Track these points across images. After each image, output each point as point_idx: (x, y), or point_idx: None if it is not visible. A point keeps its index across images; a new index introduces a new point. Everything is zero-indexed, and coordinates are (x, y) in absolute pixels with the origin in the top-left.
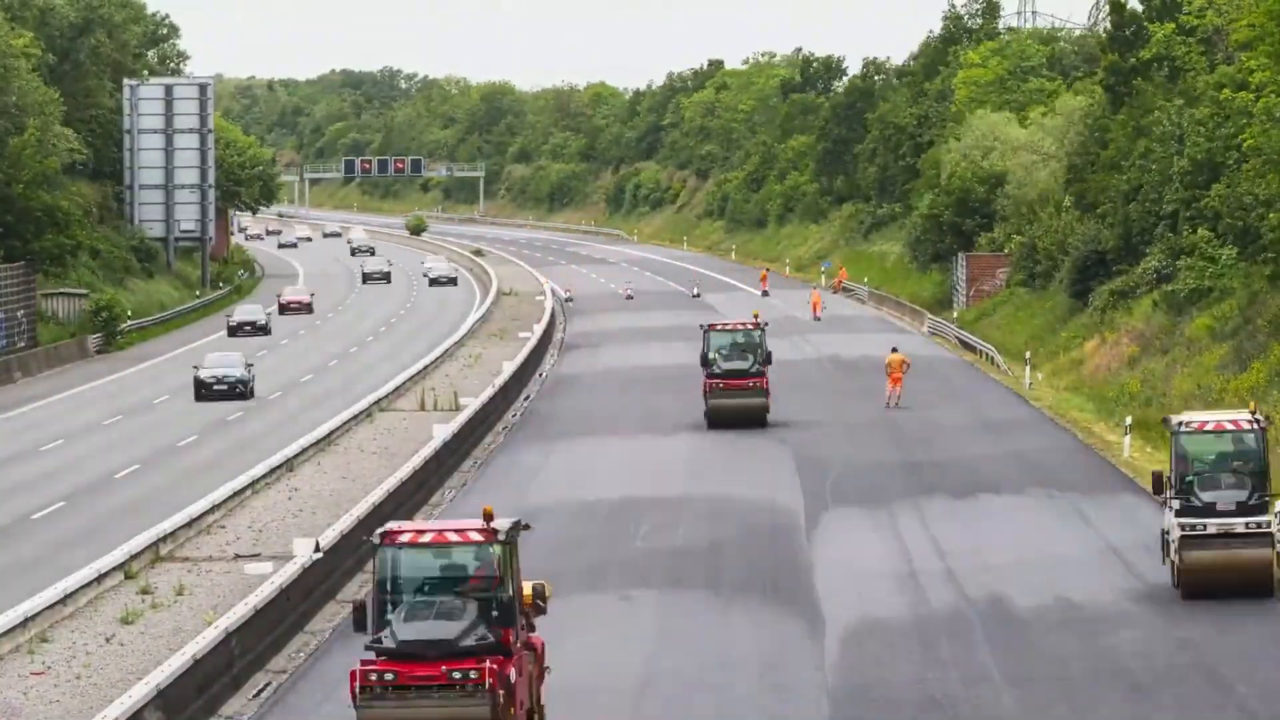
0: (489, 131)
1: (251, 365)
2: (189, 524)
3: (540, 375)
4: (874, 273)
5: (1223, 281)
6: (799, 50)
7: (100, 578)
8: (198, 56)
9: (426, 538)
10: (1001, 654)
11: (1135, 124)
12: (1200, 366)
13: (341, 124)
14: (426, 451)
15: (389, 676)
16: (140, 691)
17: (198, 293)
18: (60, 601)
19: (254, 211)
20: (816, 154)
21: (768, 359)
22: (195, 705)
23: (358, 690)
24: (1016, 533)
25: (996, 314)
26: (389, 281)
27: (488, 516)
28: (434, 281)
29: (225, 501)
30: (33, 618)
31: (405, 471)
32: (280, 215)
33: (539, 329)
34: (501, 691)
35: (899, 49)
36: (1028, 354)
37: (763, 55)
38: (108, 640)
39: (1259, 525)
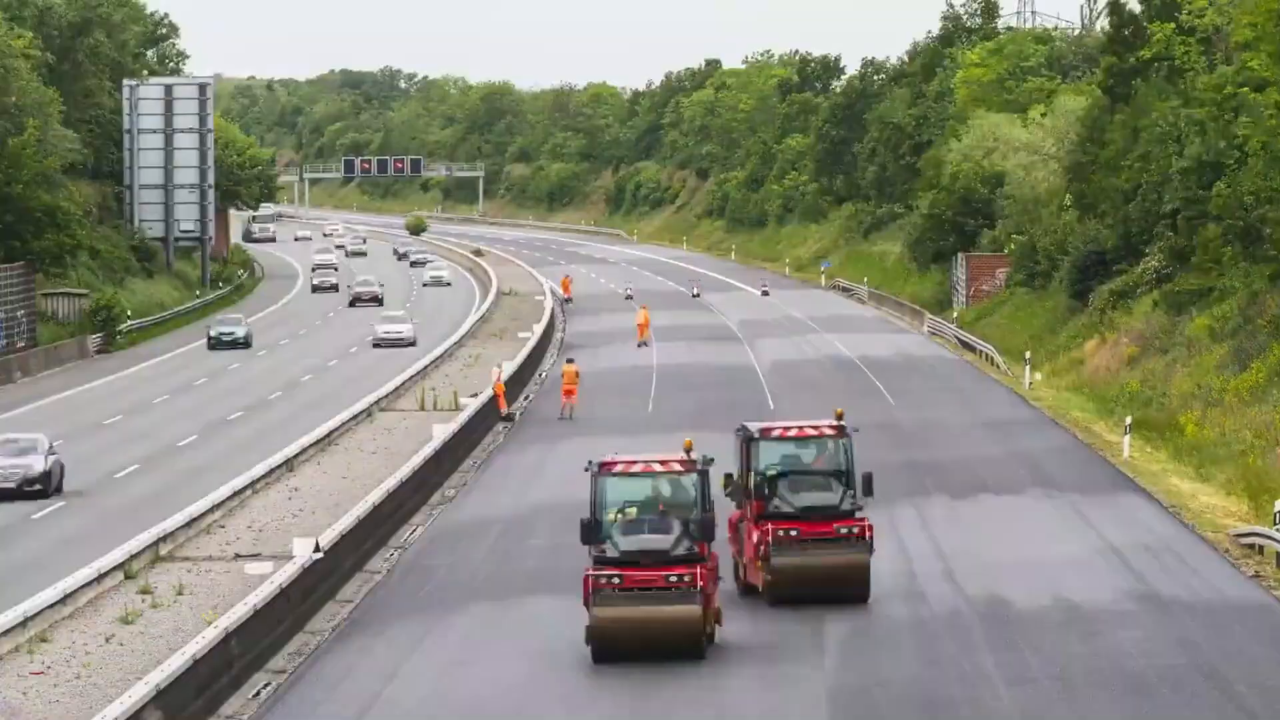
0: (489, 131)
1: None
2: (189, 524)
3: (540, 375)
4: (874, 273)
5: (1223, 281)
6: (796, 50)
7: (100, 578)
8: (197, 56)
9: (636, 467)
10: (1001, 654)
11: (1135, 124)
12: (1200, 366)
13: (341, 124)
14: (427, 451)
15: (616, 580)
16: (140, 691)
17: (197, 292)
18: (60, 601)
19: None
20: (815, 154)
21: (867, 485)
22: (195, 705)
23: (590, 593)
24: (1016, 533)
25: (996, 314)
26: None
27: (688, 449)
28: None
29: (225, 501)
30: (33, 618)
31: (405, 471)
32: (280, 215)
33: (539, 329)
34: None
35: (897, 49)
36: (1027, 354)
37: (761, 55)
38: (108, 640)
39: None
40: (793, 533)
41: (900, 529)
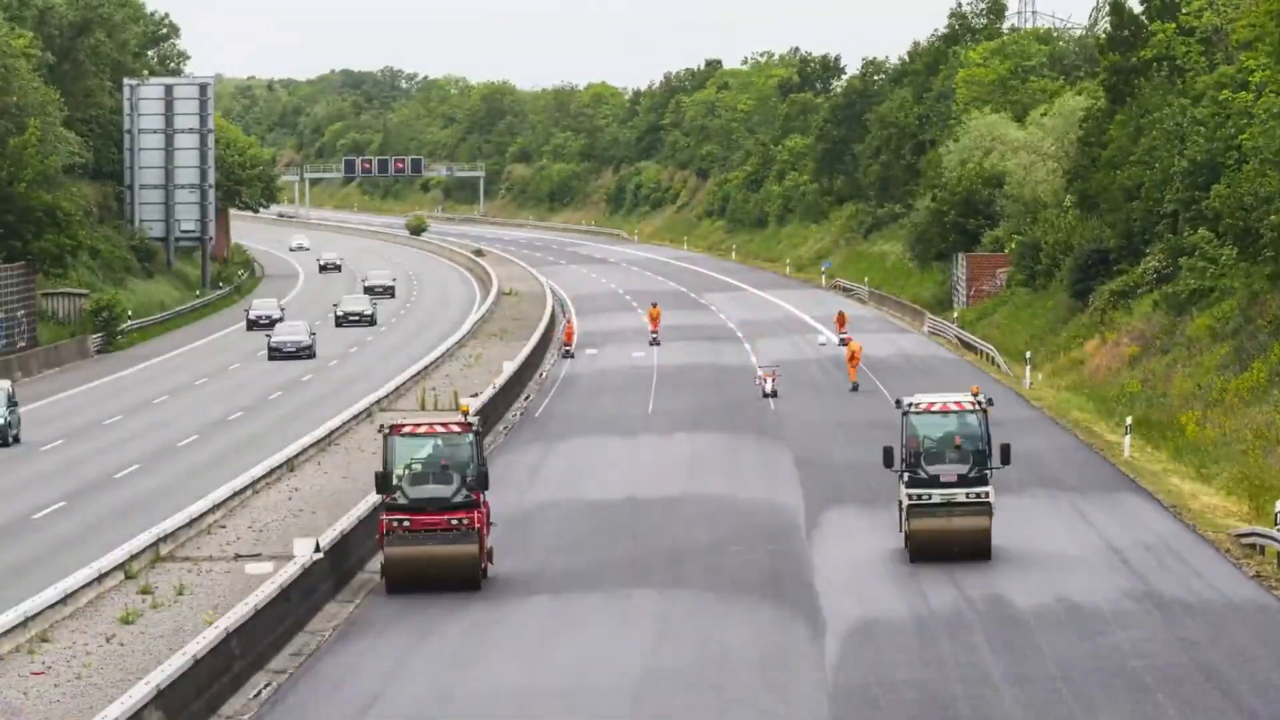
0: (489, 131)
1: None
2: (189, 524)
3: (540, 375)
4: (874, 273)
5: (1223, 281)
6: (796, 50)
7: (100, 578)
8: (198, 56)
9: (421, 429)
10: (1001, 654)
11: (1135, 124)
12: (1200, 366)
13: (341, 124)
14: None
15: (406, 523)
16: (140, 691)
17: (197, 292)
18: (60, 601)
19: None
20: (816, 154)
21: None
22: (195, 705)
23: (384, 534)
24: (1016, 533)
25: (996, 314)
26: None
27: (464, 413)
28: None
29: (225, 501)
30: (33, 618)
31: None
32: (280, 215)
33: (539, 329)
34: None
35: (898, 49)
36: (1028, 354)
37: (761, 55)
38: (108, 640)
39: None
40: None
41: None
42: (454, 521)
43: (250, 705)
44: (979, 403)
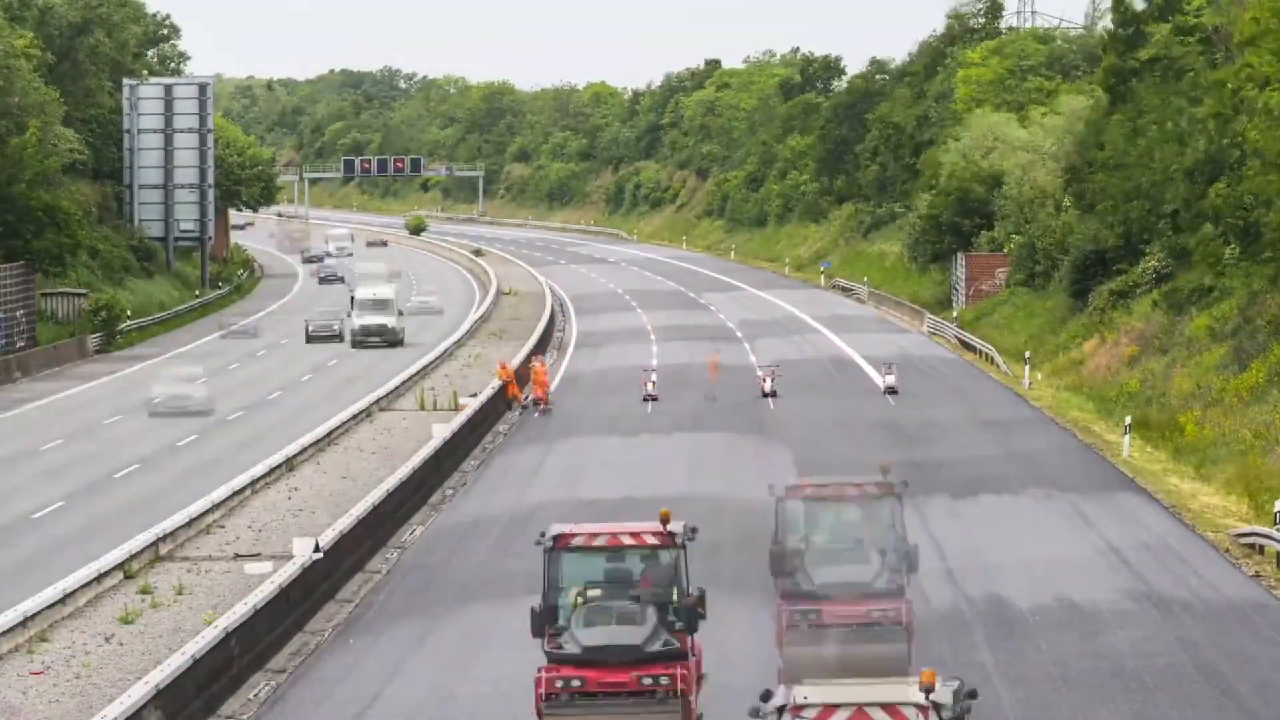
0: (489, 131)
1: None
2: (189, 524)
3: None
4: (874, 273)
5: (1223, 281)
6: (797, 50)
7: (100, 577)
8: (197, 56)
9: (600, 540)
10: (1001, 654)
11: (1134, 124)
12: (1200, 366)
13: (341, 124)
14: (426, 451)
15: (575, 683)
16: (140, 691)
17: (197, 292)
18: (60, 601)
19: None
20: (817, 154)
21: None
22: (195, 705)
23: (541, 699)
24: (1016, 533)
25: (996, 314)
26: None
27: (664, 520)
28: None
29: (225, 501)
30: (32, 617)
31: (405, 471)
32: (280, 215)
33: (538, 329)
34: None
35: (898, 49)
36: (1027, 354)
37: (763, 55)
38: (107, 640)
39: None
40: None
41: None
42: (646, 680)
43: (250, 705)
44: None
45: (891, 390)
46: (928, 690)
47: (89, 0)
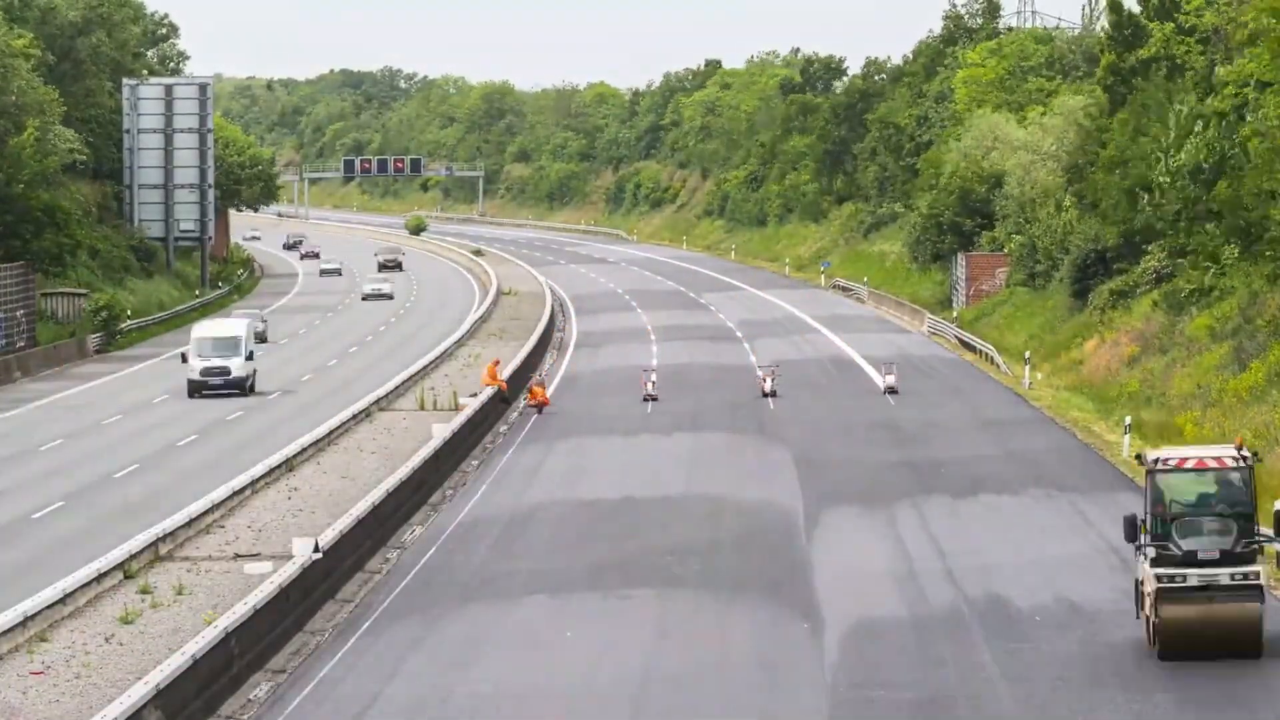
0: (489, 131)
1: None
2: (189, 524)
3: (539, 375)
4: (874, 272)
5: (1223, 281)
6: (798, 50)
7: (100, 577)
8: (197, 56)
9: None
10: (1001, 654)
11: (1134, 123)
12: (1200, 366)
13: (341, 124)
14: (426, 451)
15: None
16: (140, 691)
17: (197, 292)
18: (60, 601)
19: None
20: (817, 154)
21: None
22: (195, 705)
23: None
24: (1016, 533)
25: (996, 314)
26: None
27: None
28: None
29: (225, 501)
30: (32, 617)
31: (405, 471)
32: (280, 215)
33: (538, 328)
34: None
35: (899, 49)
36: (1027, 354)
37: (765, 54)
38: (107, 640)
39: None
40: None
41: (900, 529)
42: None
43: (250, 705)
44: (1244, 457)
45: (891, 390)
46: None
47: (89, 0)
